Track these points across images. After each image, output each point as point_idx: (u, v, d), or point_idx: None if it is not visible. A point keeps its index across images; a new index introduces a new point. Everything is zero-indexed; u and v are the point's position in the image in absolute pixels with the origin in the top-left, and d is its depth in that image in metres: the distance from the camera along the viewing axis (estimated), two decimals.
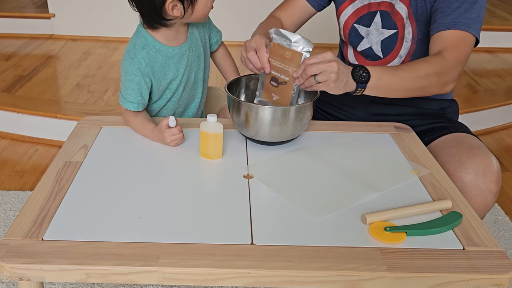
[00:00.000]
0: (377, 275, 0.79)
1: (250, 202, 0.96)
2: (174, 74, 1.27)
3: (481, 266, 0.81)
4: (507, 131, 2.65)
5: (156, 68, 1.23)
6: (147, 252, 0.82)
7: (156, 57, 1.22)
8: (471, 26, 1.21)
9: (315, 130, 1.25)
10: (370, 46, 1.38)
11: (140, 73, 1.21)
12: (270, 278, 0.80)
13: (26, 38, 3.44)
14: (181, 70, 1.27)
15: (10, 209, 1.89)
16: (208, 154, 1.10)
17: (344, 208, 0.94)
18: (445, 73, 1.20)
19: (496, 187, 1.12)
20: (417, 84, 1.20)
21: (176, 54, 1.25)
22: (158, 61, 1.23)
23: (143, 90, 1.22)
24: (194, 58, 1.30)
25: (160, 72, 1.24)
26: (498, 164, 1.15)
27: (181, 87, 1.30)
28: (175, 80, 1.28)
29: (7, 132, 2.46)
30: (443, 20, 1.22)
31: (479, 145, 1.20)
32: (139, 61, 1.20)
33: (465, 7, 1.21)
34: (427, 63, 1.20)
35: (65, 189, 0.98)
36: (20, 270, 0.80)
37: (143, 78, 1.21)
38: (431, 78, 1.19)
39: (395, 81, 1.18)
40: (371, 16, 1.36)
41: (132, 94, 1.22)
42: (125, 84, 1.22)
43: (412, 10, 1.30)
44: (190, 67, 1.30)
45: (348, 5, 1.39)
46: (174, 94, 1.31)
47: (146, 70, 1.21)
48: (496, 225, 1.86)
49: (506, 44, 3.47)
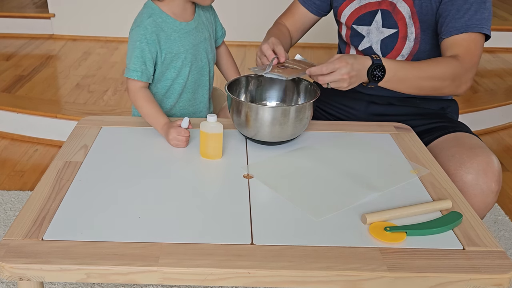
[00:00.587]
0: (377, 275, 0.79)
1: (250, 202, 0.96)
2: (179, 48, 1.27)
3: (481, 266, 0.81)
4: (507, 131, 2.65)
5: (162, 37, 1.24)
6: (147, 252, 0.82)
7: (162, 26, 1.24)
8: (484, 26, 1.22)
9: (315, 130, 1.25)
10: (370, 45, 1.38)
11: (145, 40, 1.21)
12: (270, 278, 0.80)
13: (26, 38, 3.44)
14: (186, 47, 1.27)
15: (10, 209, 1.89)
16: (208, 154, 1.10)
17: (344, 208, 0.94)
18: (459, 75, 1.21)
19: (497, 186, 1.12)
20: (432, 84, 1.21)
21: (182, 29, 1.27)
22: (164, 30, 1.24)
23: (147, 59, 1.22)
24: (201, 39, 1.31)
25: (165, 43, 1.25)
26: (499, 164, 1.15)
27: (187, 66, 1.29)
28: (179, 57, 1.27)
29: (7, 132, 2.46)
30: (454, 23, 1.22)
31: (480, 144, 1.20)
32: (145, 27, 1.22)
33: (475, 8, 1.21)
34: (444, 65, 1.21)
35: (65, 189, 0.98)
36: (20, 270, 0.80)
37: (148, 46, 1.22)
38: (446, 80, 1.21)
39: (410, 79, 1.20)
40: (372, 15, 1.36)
41: (136, 62, 1.22)
42: (130, 53, 1.23)
43: (416, 10, 1.29)
44: (196, 47, 1.30)
45: (346, 6, 1.39)
46: (179, 74, 1.29)
47: (152, 38, 1.22)
48: (496, 225, 1.86)
49: (506, 44, 3.47)
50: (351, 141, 1.21)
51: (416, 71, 1.19)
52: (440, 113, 1.41)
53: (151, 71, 1.25)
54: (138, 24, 1.23)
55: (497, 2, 4.08)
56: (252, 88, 1.27)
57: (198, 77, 1.34)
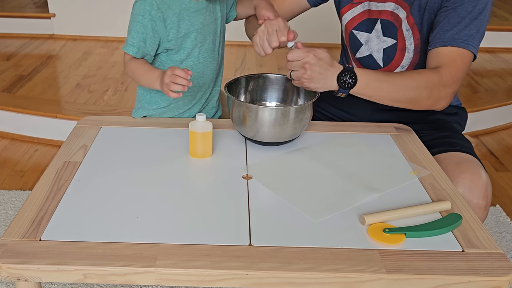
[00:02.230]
0: (375, 277, 0.79)
1: (249, 203, 0.96)
2: (188, 28, 1.20)
3: (481, 268, 0.81)
4: (507, 131, 2.65)
5: (168, 15, 1.17)
6: (145, 253, 0.82)
7: (170, 3, 1.17)
8: (470, 43, 1.18)
9: (314, 131, 1.25)
10: (371, 53, 1.36)
11: (149, 16, 1.15)
12: (268, 279, 0.79)
13: (26, 38, 3.44)
14: (196, 26, 1.21)
15: (11, 208, 1.89)
16: (197, 153, 1.10)
17: (343, 209, 0.94)
18: (438, 88, 1.18)
19: (485, 201, 1.12)
20: (407, 95, 1.18)
21: (192, 8, 1.20)
22: (172, 8, 1.17)
23: (148, 36, 1.16)
24: (211, 19, 1.25)
25: (172, 21, 1.18)
26: (487, 178, 1.14)
27: (197, 48, 1.23)
28: (189, 37, 1.21)
29: (7, 132, 2.46)
30: (442, 36, 1.20)
31: (467, 159, 1.18)
32: (150, 3, 1.15)
33: (465, 23, 1.18)
34: (420, 75, 1.18)
35: (63, 189, 0.98)
36: (17, 270, 0.79)
37: (151, 22, 1.15)
38: (423, 91, 1.18)
39: (384, 89, 1.17)
40: (372, 23, 1.34)
41: (135, 37, 1.16)
42: (130, 26, 1.17)
43: (415, 21, 1.27)
44: (207, 28, 1.24)
45: (348, 10, 1.37)
46: (189, 55, 1.24)
47: (157, 15, 1.15)
48: (497, 226, 1.86)
49: (506, 44, 3.46)
50: (351, 142, 1.20)
51: (391, 79, 1.17)
52: (446, 120, 1.36)
53: (151, 50, 1.19)
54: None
55: (497, 2, 4.07)
56: (251, 88, 1.27)
57: (207, 60, 1.27)
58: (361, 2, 1.35)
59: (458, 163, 1.16)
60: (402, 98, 1.19)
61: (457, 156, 1.20)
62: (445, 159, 1.19)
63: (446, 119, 1.37)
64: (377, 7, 1.32)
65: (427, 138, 1.28)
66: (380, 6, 1.32)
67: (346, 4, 1.37)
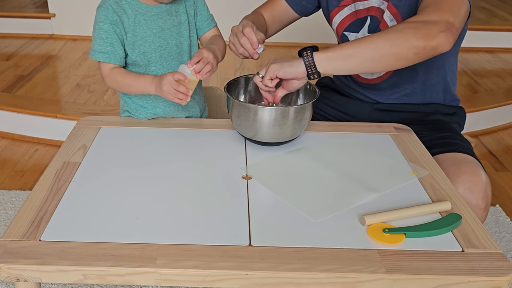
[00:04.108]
0: (375, 277, 0.79)
1: (249, 203, 0.96)
2: (144, 32, 1.22)
3: (480, 268, 0.81)
4: (507, 131, 2.65)
5: (124, 19, 1.20)
6: (145, 253, 0.82)
7: (125, 8, 1.20)
8: None
9: (314, 131, 1.25)
10: None
11: (108, 21, 1.18)
12: (268, 279, 0.79)
13: (26, 38, 3.44)
14: (153, 30, 1.22)
15: (11, 208, 1.89)
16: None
17: (343, 209, 0.94)
18: (424, 24, 1.05)
19: (484, 202, 1.11)
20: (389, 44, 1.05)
21: (148, 12, 1.22)
22: (127, 13, 1.20)
23: (113, 40, 1.19)
24: (173, 23, 1.25)
25: (129, 26, 1.21)
26: (487, 178, 1.14)
27: (156, 52, 1.24)
28: (146, 41, 1.23)
29: (7, 132, 2.46)
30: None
31: (467, 159, 1.18)
32: (107, 8, 1.19)
33: None
34: (396, 25, 1.08)
35: (63, 190, 0.98)
36: (17, 271, 0.79)
37: (112, 26, 1.18)
38: (403, 30, 1.05)
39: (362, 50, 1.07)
40: (362, 22, 1.34)
41: (101, 44, 1.19)
42: (94, 34, 1.20)
43: (399, 11, 1.26)
44: (167, 32, 1.24)
45: (336, 13, 1.38)
46: (150, 61, 1.24)
47: (114, 18, 1.19)
48: (497, 226, 1.86)
49: (506, 44, 3.46)
50: (351, 142, 1.20)
51: (367, 37, 1.08)
52: (444, 121, 1.36)
53: (120, 52, 1.21)
54: (101, 4, 1.20)
55: (497, 2, 4.07)
56: (251, 88, 1.27)
57: (174, 65, 1.27)
58: (348, 4, 1.35)
59: (457, 164, 1.16)
60: (386, 52, 1.06)
61: (457, 156, 1.20)
62: (444, 159, 1.19)
63: (445, 120, 1.37)
64: (364, 5, 1.33)
65: (426, 138, 1.27)
66: (366, 4, 1.33)
67: (334, 8, 1.38)
